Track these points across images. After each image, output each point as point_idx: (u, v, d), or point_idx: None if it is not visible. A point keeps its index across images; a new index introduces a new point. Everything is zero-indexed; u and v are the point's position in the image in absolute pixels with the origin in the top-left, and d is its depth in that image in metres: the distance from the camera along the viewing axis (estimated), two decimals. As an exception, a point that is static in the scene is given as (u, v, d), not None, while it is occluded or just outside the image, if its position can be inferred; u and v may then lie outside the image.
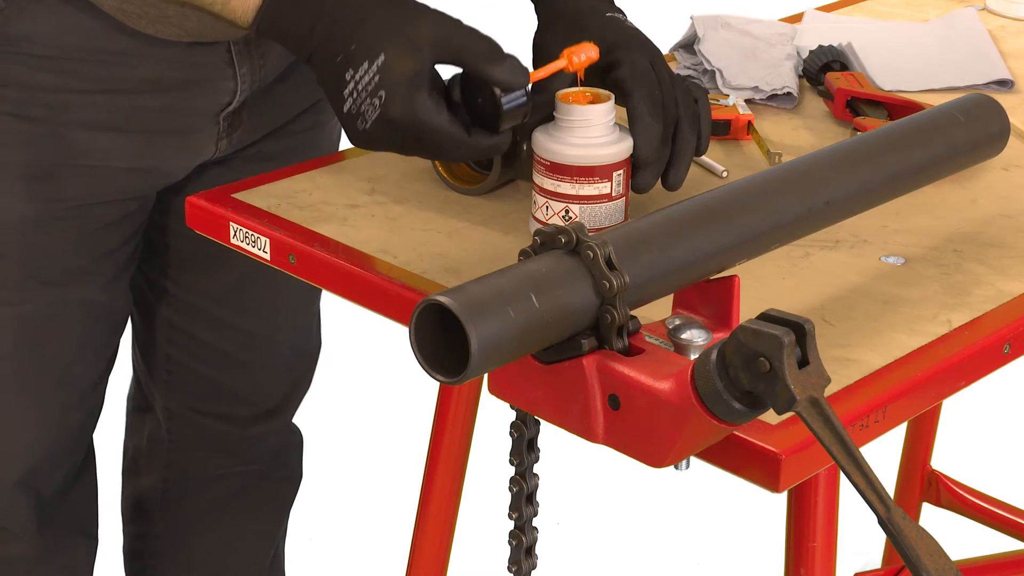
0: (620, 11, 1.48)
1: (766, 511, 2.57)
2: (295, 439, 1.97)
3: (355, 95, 1.29)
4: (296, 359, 1.88)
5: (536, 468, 1.36)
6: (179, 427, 1.86)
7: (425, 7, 1.32)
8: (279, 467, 1.94)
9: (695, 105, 1.41)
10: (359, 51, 1.29)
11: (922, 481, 2.21)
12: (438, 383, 1.07)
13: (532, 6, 1.52)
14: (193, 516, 1.91)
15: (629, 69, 1.40)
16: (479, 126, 1.32)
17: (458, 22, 1.31)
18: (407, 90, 1.27)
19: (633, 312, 1.11)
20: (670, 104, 1.39)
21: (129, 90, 1.53)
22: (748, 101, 1.71)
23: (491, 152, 1.34)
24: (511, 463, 1.35)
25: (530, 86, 1.34)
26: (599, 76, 1.42)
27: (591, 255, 1.09)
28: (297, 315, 1.87)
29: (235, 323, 1.80)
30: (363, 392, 3.09)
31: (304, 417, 1.98)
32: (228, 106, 1.59)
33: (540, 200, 1.39)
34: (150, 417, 1.88)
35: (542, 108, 1.37)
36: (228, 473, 1.90)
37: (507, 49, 1.32)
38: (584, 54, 1.36)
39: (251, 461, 1.90)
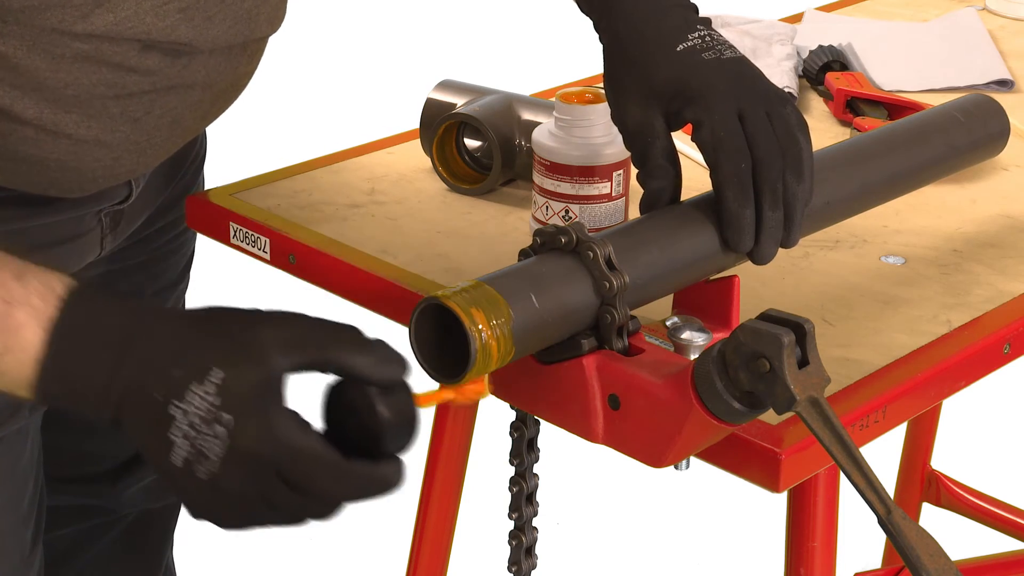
0: (701, 23, 1.24)
1: (766, 511, 2.56)
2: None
3: (188, 433, 0.99)
4: None
5: (536, 468, 1.36)
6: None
7: (261, 311, 1.04)
8: (156, 499, 1.80)
9: (797, 148, 1.18)
10: (185, 375, 0.99)
11: (922, 481, 2.21)
12: (438, 383, 1.07)
13: (579, 18, 1.32)
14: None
15: (710, 134, 1.18)
16: (359, 453, 1.02)
17: (306, 316, 1.04)
18: (259, 406, 0.99)
19: (633, 312, 1.11)
20: (764, 172, 1.17)
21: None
22: (748, 101, 1.71)
23: (379, 486, 1.04)
24: (511, 463, 1.35)
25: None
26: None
27: (591, 255, 1.09)
28: None
29: None
30: (363, 392, 3.08)
31: (304, 416, 1.96)
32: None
33: (540, 200, 1.39)
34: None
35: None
36: (106, 526, 1.77)
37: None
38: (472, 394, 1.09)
39: (124, 507, 1.77)
